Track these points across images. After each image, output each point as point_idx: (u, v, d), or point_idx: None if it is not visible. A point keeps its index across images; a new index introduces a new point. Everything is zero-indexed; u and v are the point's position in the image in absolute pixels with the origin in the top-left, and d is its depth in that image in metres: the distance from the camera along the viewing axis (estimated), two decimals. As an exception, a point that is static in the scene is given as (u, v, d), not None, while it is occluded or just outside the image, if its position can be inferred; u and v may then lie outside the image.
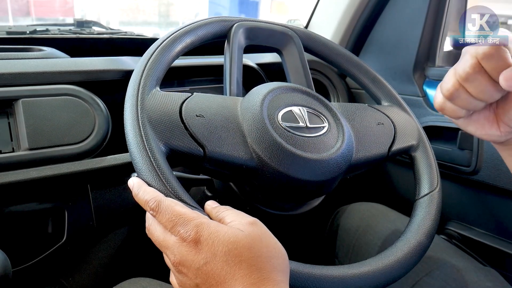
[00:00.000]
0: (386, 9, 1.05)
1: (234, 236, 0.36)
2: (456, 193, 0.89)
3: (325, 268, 0.46)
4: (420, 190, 0.60)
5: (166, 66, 0.54)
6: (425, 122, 0.91)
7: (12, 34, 0.85)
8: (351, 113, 0.62)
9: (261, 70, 0.89)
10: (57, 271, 0.74)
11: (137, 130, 0.45)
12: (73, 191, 0.67)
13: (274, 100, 0.55)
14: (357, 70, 0.70)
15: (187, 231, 0.36)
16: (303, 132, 0.54)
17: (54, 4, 8.86)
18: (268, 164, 0.50)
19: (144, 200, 0.41)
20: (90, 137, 0.65)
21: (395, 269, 0.51)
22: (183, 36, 0.57)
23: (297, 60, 0.66)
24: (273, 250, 0.38)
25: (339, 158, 0.54)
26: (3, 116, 0.62)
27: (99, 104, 0.67)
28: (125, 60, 0.75)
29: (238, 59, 0.60)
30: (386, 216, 0.81)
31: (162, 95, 0.50)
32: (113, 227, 0.75)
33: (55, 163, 0.62)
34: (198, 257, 0.36)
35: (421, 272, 0.66)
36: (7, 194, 0.60)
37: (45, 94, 0.63)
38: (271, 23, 0.66)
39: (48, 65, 0.67)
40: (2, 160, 0.59)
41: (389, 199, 1.00)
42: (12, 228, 0.65)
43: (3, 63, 0.64)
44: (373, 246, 0.76)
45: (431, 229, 0.56)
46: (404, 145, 0.63)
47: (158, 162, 0.43)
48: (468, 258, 0.71)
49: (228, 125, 0.51)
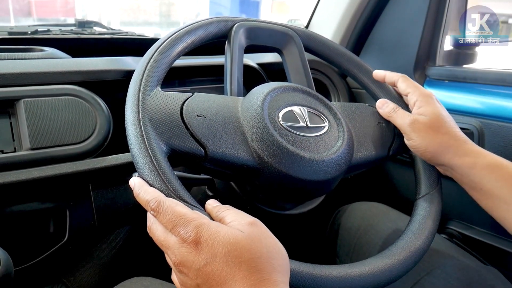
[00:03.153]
0: (387, 8, 1.05)
1: (234, 237, 0.36)
2: (457, 192, 0.89)
3: (326, 268, 0.47)
4: (421, 189, 0.60)
5: (167, 66, 0.54)
6: (426, 121, 0.91)
7: (13, 34, 0.85)
8: (351, 113, 0.62)
9: (262, 70, 0.89)
10: (58, 271, 0.74)
11: (138, 130, 0.45)
12: (74, 191, 0.68)
13: (274, 100, 0.55)
14: (357, 69, 0.70)
15: (187, 232, 0.37)
16: (304, 132, 0.54)
17: (55, 4, 8.87)
18: (268, 163, 0.50)
19: (145, 200, 0.41)
20: (91, 137, 0.65)
21: (396, 268, 0.51)
22: (184, 36, 0.57)
23: (298, 60, 0.66)
24: (273, 251, 0.38)
25: (340, 157, 0.54)
26: (5, 116, 0.62)
27: (101, 104, 0.67)
28: (126, 60, 0.75)
29: (239, 59, 0.60)
30: (387, 215, 0.81)
31: (163, 95, 0.50)
32: (115, 227, 0.75)
33: (56, 163, 0.62)
34: (199, 258, 0.36)
35: (422, 271, 0.66)
36: (9, 193, 0.61)
37: (47, 94, 0.64)
38: (272, 23, 0.66)
39: (50, 65, 0.67)
40: (4, 160, 0.59)
41: (390, 198, 1.00)
42: (14, 227, 0.66)
43: (5, 63, 0.64)
44: (374, 245, 0.76)
45: (432, 228, 0.56)
46: (405, 145, 0.63)
47: (159, 162, 0.44)
48: (469, 257, 0.71)
49: (229, 125, 0.51)
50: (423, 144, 0.58)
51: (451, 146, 0.58)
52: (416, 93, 0.62)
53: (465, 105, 0.88)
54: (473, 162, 0.56)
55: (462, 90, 0.90)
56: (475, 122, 0.84)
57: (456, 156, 0.57)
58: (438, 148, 0.58)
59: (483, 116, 0.84)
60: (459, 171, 0.58)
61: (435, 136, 0.58)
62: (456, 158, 0.57)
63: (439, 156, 0.58)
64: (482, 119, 0.84)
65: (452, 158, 0.57)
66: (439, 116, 0.59)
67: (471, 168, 0.57)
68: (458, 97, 0.90)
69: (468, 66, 0.99)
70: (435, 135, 0.58)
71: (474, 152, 0.57)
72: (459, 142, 0.58)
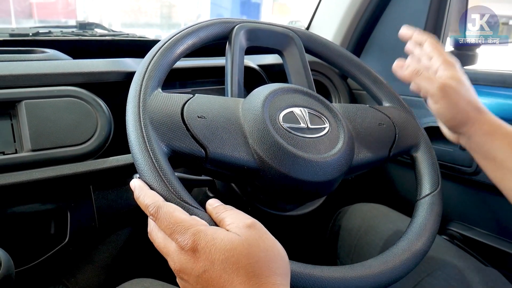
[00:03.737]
0: (387, 10, 1.05)
1: (231, 243, 0.36)
2: (458, 193, 0.89)
3: (326, 269, 0.47)
4: (422, 190, 0.60)
5: (168, 67, 0.54)
6: (426, 122, 0.91)
7: (15, 36, 0.85)
8: (352, 114, 0.62)
9: (262, 71, 0.90)
10: (59, 272, 0.74)
11: (139, 131, 0.45)
12: (75, 192, 0.68)
13: (275, 101, 0.55)
14: (358, 71, 0.70)
15: (185, 239, 0.37)
16: (304, 133, 0.54)
17: (57, 6, 8.88)
18: (269, 164, 0.50)
19: (145, 205, 0.41)
20: (92, 139, 0.65)
21: (396, 270, 0.51)
22: (185, 38, 0.57)
23: (298, 61, 0.66)
24: (271, 254, 0.38)
25: (340, 159, 0.54)
26: (6, 118, 0.62)
27: (101, 106, 0.67)
28: (127, 62, 0.75)
29: (240, 60, 0.60)
30: (387, 216, 0.81)
31: (164, 97, 0.50)
32: (116, 228, 0.75)
33: (57, 164, 0.62)
34: (197, 266, 0.36)
35: (423, 273, 0.66)
36: (10, 195, 0.61)
37: (48, 96, 0.64)
38: (272, 25, 0.66)
39: (51, 67, 0.67)
40: (5, 162, 0.59)
41: (391, 199, 1.00)
42: (15, 228, 0.66)
43: (6, 65, 0.64)
44: (374, 246, 0.76)
45: (432, 230, 0.56)
46: (406, 146, 0.63)
47: (160, 163, 0.44)
48: (470, 258, 0.71)
49: (230, 126, 0.51)
50: (452, 111, 0.58)
51: (473, 115, 0.57)
52: (441, 58, 0.60)
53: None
54: (492, 131, 0.57)
55: (462, 91, 0.90)
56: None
57: (476, 124, 0.57)
58: (463, 116, 0.57)
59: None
60: (475, 140, 0.58)
61: (462, 103, 0.57)
62: (476, 126, 0.57)
63: (461, 124, 0.58)
64: (482, 120, 0.83)
65: (472, 126, 0.57)
66: (465, 84, 0.58)
67: (488, 137, 0.57)
68: (458, 98, 0.90)
69: (469, 67, 0.99)
70: (462, 102, 0.57)
71: (493, 121, 0.58)
72: (480, 111, 0.58)
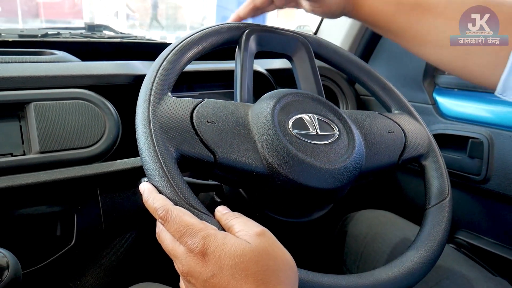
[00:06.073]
0: (396, 15, 1.04)
1: (241, 250, 0.36)
2: (466, 202, 0.89)
3: (335, 277, 0.46)
4: (431, 199, 0.59)
5: (178, 72, 0.54)
6: (435, 130, 0.91)
7: (24, 37, 0.86)
8: (361, 121, 0.62)
9: (270, 76, 0.89)
10: (65, 274, 0.74)
11: (148, 135, 0.45)
12: (82, 195, 0.68)
13: (284, 107, 0.55)
14: (367, 77, 0.70)
15: (194, 242, 0.37)
16: (314, 140, 0.53)
17: (63, 6, 8.94)
18: (278, 171, 0.50)
19: (154, 208, 0.41)
20: (100, 141, 0.65)
21: (404, 279, 0.50)
22: (195, 42, 0.57)
23: (308, 66, 0.66)
24: (280, 263, 0.37)
25: (350, 166, 0.53)
26: (14, 119, 0.62)
27: (110, 108, 0.67)
28: (136, 65, 0.76)
29: (249, 65, 0.60)
30: (394, 224, 0.81)
31: (174, 101, 0.50)
32: (122, 231, 0.75)
33: (65, 166, 0.62)
34: (205, 270, 0.36)
35: (431, 282, 0.66)
36: (18, 196, 0.61)
37: (57, 98, 0.64)
38: (282, 30, 0.66)
39: (60, 69, 0.67)
40: (13, 163, 0.59)
41: (398, 207, 1.00)
42: (21, 230, 0.66)
43: (16, 66, 0.64)
44: (381, 254, 0.75)
45: (441, 239, 0.55)
46: (415, 154, 0.62)
47: (169, 168, 0.43)
48: (478, 267, 0.70)
49: (239, 131, 0.51)
50: None
51: None
52: None
53: (475, 114, 0.87)
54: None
55: (471, 99, 0.90)
56: (485, 131, 0.83)
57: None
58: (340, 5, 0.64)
59: (493, 126, 0.83)
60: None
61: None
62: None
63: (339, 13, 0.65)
64: (491, 129, 0.83)
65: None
66: None
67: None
68: (467, 106, 0.89)
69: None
70: None
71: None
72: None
